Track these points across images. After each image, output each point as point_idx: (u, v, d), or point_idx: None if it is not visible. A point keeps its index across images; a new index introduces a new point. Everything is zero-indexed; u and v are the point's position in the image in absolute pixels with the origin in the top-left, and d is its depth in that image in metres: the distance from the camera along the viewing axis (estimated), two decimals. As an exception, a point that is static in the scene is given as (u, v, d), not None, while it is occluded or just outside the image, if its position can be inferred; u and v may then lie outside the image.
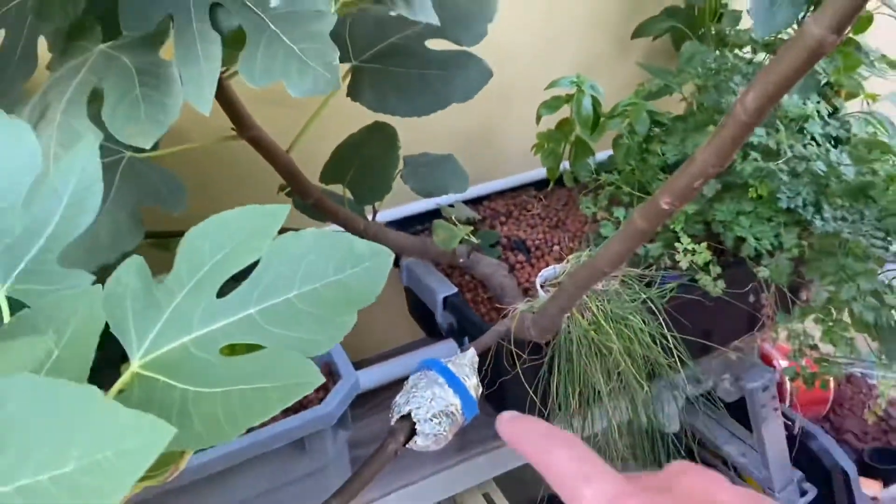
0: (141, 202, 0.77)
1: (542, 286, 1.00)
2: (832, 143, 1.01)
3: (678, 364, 0.96)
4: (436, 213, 1.16)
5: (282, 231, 0.93)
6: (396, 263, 1.17)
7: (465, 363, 0.82)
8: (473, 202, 1.27)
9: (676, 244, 0.99)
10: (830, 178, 0.94)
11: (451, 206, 1.13)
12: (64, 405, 0.31)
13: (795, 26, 0.97)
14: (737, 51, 1.28)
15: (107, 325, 0.44)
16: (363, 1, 0.68)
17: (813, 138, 0.96)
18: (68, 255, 0.54)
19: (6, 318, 0.47)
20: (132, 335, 0.43)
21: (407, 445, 0.75)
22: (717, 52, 1.12)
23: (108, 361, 0.46)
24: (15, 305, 0.48)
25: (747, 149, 0.93)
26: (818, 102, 0.96)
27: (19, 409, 0.31)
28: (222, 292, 0.45)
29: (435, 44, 0.93)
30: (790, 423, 1.30)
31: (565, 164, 1.25)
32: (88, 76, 0.62)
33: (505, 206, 1.26)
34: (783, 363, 1.50)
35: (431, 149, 1.10)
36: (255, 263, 0.46)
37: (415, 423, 0.75)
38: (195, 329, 0.43)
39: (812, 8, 0.96)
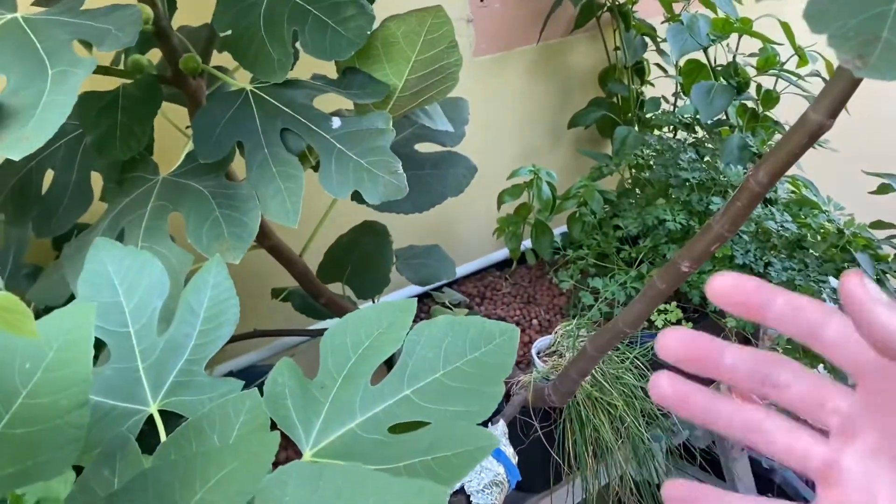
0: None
1: (538, 356, 1.09)
2: (764, 203, 1.17)
3: (665, 417, 1.06)
4: (421, 297, 1.23)
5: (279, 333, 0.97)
6: (388, 353, 1.23)
7: (499, 434, 0.88)
8: (446, 287, 1.35)
9: (650, 306, 1.11)
10: (772, 235, 1.09)
11: (442, 291, 1.21)
12: (367, 483, 0.36)
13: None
14: (656, 131, 1.45)
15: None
16: (400, 116, 0.77)
17: (752, 202, 1.11)
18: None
19: (162, 432, 0.51)
20: (299, 428, 0.48)
21: (464, 518, 0.80)
22: (658, 135, 1.27)
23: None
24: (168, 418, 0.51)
25: (702, 216, 1.06)
26: (752, 171, 1.12)
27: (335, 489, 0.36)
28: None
29: (420, 146, 1.03)
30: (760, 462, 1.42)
31: (525, 244, 1.36)
32: (162, 203, 0.67)
33: (475, 287, 1.35)
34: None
35: (400, 242, 1.18)
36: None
37: (469, 496, 0.80)
38: (359, 415, 0.48)
39: (738, 94, 1.13)
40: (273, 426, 0.49)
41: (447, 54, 0.71)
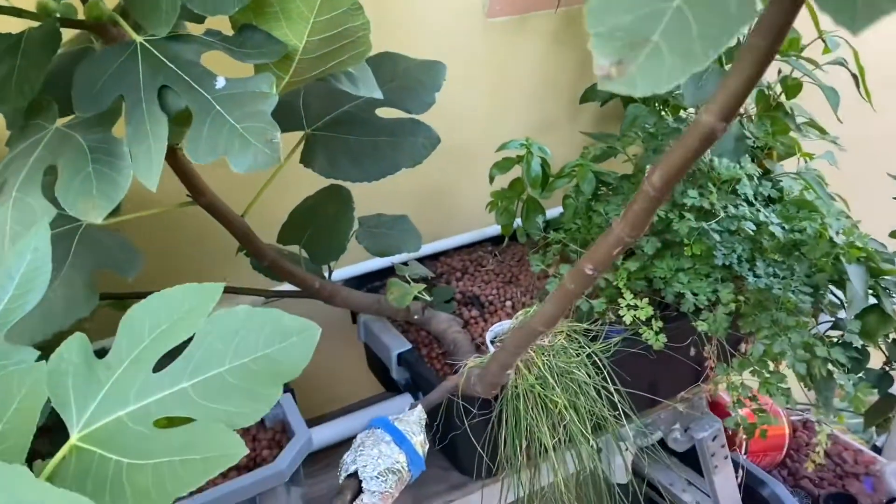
0: (97, 268, 0.80)
1: (492, 342, 1.04)
2: (765, 202, 1.06)
3: (623, 417, 1.00)
4: (393, 270, 1.20)
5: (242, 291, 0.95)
6: (354, 320, 1.20)
7: (413, 420, 0.84)
8: (431, 258, 1.31)
9: (620, 300, 1.03)
10: (763, 236, 0.99)
11: (406, 264, 1.17)
12: (24, 489, 0.33)
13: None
14: (681, 112, 1.34)
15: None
16: (306, 80, 0.72)
17: (745, 198, 1.01)
18: (24, 322, 0.57)
19: (-47, 393, 0.49)
20: (72, 409, 0.46)
21: (354, 503, 0.77)
22: (658, 117, 1.18)
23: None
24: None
25: (682, 210, 0.98)
26: (749, 165, 1.01)
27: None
28: (159, 366, 0.47)
29: (386, 112, 0.98)
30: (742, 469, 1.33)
31: (519, 221, 1.29)
32: (44, 154, 0.66)
33: (461, 262, 1.30)
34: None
35: (389, 208, 1.14)
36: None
37: (361, 482, 0.77)
38: (131, 403, 0.46)
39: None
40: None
41: (351, 17, 0.65)
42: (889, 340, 1.06)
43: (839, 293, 1.04)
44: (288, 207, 1.07)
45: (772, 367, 0.99)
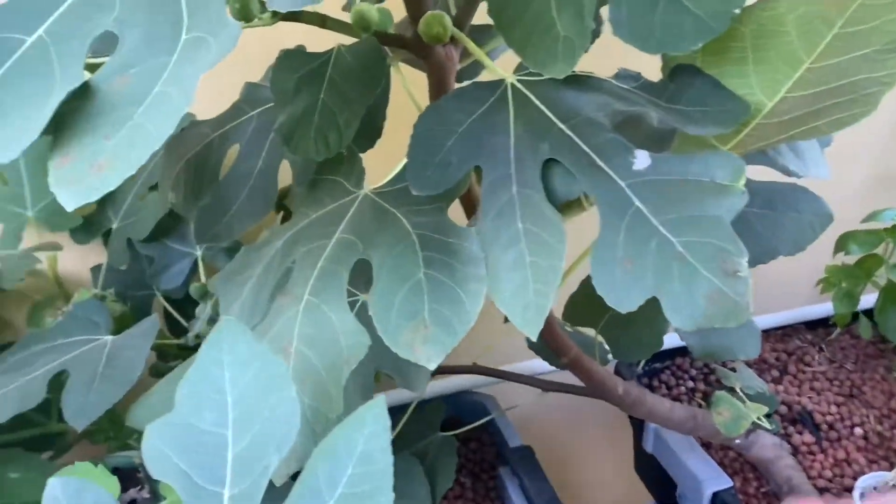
0: (377, 369, 0.59)
1: (861, 498, 0.74)
2: None
3: None
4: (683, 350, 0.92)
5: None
6: (638, 423, 0.94)
7: None
8: (741, 362, 1.02)
9: None
10: None
11: (733, 367, 0.88)
12: None
13: None
14: None
15: None
16: (753, 151, 0.46)
17: None
18: None
19: None
20: None
21: None
22: None
23: None
24: None
25: None
26: None
27: None
28: None
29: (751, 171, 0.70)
30: None
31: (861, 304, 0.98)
32: (350, 238, 0.44)
33: (774, 353, 1.00)
34: None
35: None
36: None
37: None
38: None
39: None
40: None
41: (875, 63, 0.39)
42: None
43: None
44: (582, 274, 0.83)
45: None
